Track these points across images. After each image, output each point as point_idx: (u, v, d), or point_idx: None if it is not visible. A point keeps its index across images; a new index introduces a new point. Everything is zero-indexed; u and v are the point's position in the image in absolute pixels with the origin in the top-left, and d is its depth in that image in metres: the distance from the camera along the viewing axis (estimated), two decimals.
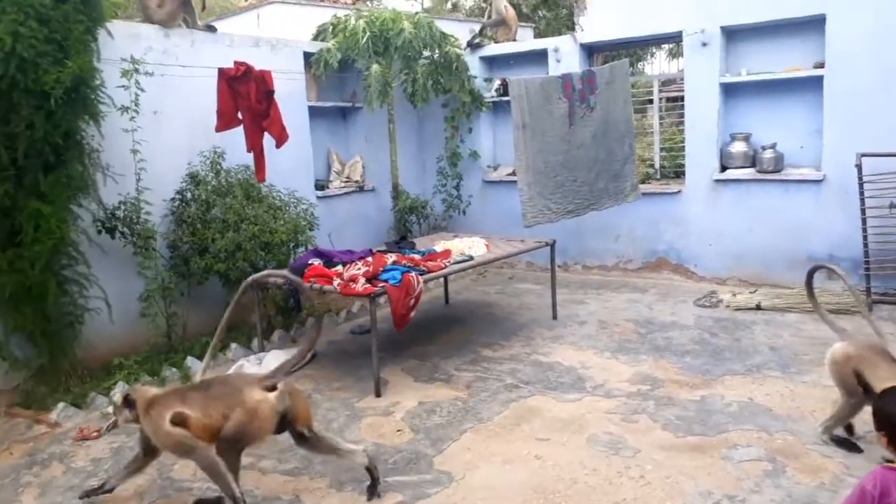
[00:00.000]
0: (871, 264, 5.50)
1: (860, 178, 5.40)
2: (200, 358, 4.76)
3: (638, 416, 3.89)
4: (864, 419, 2.96)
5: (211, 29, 5.82)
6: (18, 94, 3.90)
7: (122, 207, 4.65)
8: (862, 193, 5.42)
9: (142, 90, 4.59)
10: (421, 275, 4.46)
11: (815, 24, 5.85)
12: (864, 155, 5.39)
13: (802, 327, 5.29)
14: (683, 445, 3.54)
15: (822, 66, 5.86)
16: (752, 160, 6.35)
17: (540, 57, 7.28)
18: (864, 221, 5.47)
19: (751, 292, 6.00)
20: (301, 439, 3.04)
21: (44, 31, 3.92)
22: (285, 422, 2.94)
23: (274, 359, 4.50)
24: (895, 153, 5.24)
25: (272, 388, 2.88)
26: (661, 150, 7.37)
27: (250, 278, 3.59)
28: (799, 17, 5.87)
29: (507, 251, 5.42)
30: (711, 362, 4.68)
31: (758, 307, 5.70)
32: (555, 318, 5.75)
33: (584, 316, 5.86)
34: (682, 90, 6.81)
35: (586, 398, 4.19)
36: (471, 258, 5.04)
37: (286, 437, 3.73)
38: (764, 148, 6.25)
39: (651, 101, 7.46)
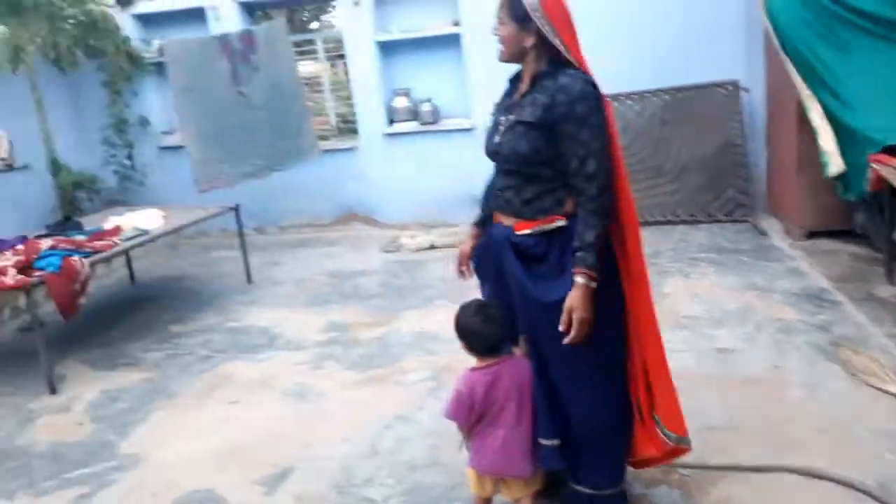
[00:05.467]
0: None
1: None
2: None
3: (325, 363, 3.97)
4: None
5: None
6: None
7: None
8: None
9: None
10: (86, 257, 4.09)
11: None
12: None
13: None
14: (365, 380, 3.70)
15: (458, 24, 6.29)
16: (415, 113, 6.69)
17: (198, 14, 6.93)
18: None
19: (427, 234, 6.50)
20: None
21: None
22: None
23: None
24: None
25: None
26: (336, 107, 7.53)
27: None
28: None
29: (185, 220, 5.10)
30: (393, 301, 4.90)
31: (432, 247, 6.19)
32: (250, 282, 5.61)
33: (280, 276, 5.78)
34: None
35: (279, 354, 4.17)
36: (146, 232, 4.71)
37: None
38: (422, 102, 6.63)
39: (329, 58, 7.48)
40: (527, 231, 2.13)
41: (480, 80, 6.18)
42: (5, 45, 5.53)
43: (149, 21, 7.23)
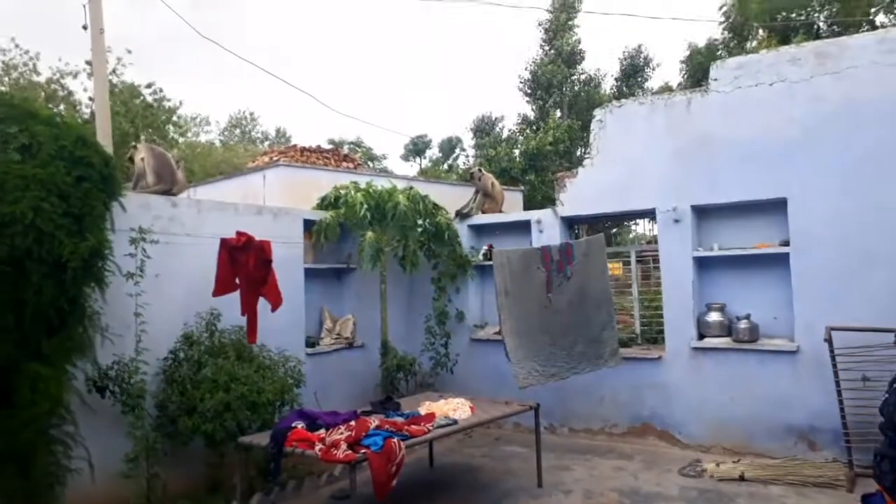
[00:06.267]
0: (851, 437, 5.28)
1: (832, 351, 5.37)
2: None
3: None
4: None
5: None
6: (31, 263, 4.01)
7: (115, 367, 4.68)
8: (835, 366, 5.33)
9: (147, 257, 4.82)
10: (403, 440, 4.43)
11: (778, 206, 6.08)
12: (833, 329, 5.34)
13: (786, 501, 4.94)
14: None
15: (787, 243, 6.04)
16: (729, 329, 6.38)
17: (524, 226, 7.64)
18: (839, 393, 5.35)
19: (734, 462, 5.82)
20: None
21: (63, 206, 4.13)
22: None
23: None
24: (863, 328, 5.08)
25: None
26: (642, 315, 7.36)
27: None
28: (763, 199, 6.15)
29: (490, 415, 5.29)
30: None
31: (741, 478, 5.48)
32: (540, 486, 5.43)
33: (570, 484, 5.53)
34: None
35: None
36: (455, 422, 4.96)
37: None
38: (739, 318, 6.30)
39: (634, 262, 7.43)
40: None
41: (808, 302, 5.85)
42: (370, 248, 6.77)
43: (480, 230, 8.27)
